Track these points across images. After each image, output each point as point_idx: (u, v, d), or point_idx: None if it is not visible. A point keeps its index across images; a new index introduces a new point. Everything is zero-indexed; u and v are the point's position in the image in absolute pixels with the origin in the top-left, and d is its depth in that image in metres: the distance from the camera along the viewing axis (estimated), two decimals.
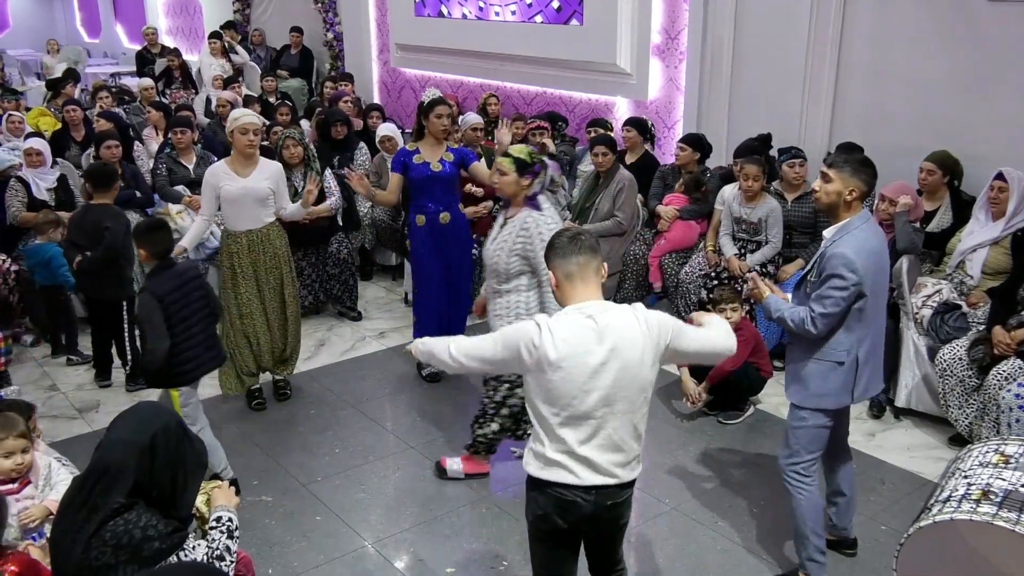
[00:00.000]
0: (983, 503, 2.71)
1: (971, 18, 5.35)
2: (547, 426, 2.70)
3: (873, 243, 3.31)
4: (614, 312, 2.68)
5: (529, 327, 2.65)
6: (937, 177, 5.25)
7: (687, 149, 6.29)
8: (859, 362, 3.36)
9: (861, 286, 3.21)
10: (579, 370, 2.61)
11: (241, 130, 4.83)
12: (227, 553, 2.65)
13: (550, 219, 4.04)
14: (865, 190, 3.32)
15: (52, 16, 18.11)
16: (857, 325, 3.31)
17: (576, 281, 2.71)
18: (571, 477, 2.70)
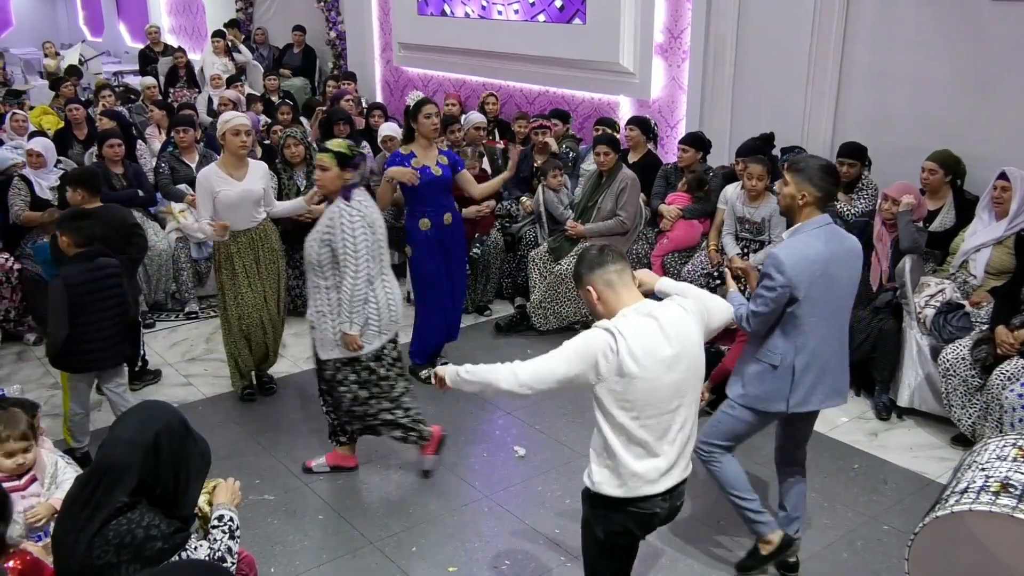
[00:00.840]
0: (1003, 495, 2.71)
1: (974, 18, 5.35)
2: (625, 433, 2.70)
3: (815, 250, 3.26)
4: (665, 307, 2.76)
5: (602, 335, 2.65)
6: (939, 177, 5.24)
7: (689, 150, 6.28)
8: (796, 370, 3.35)
9: (791, 289, 3.22)
10: (656, 368, 2.66)
11: (233, 131, 4.87)
12: (228, 554, 2.65)
13: (356, 211, 4.01)
14: (819, 195, 3.30)
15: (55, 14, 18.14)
16: (793, 331, 3.30)
17: (618, 288, 2.75)
18: (651, 487, 2.74)
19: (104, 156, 6.39)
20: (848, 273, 3.39)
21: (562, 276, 6.04)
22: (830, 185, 3.32)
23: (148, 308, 6.53)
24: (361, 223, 4.00)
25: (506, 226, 6.87)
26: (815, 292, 3.27)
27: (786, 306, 3.27)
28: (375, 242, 4.07)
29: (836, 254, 3.31)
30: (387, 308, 4.16)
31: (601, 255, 2.78)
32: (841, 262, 3.33)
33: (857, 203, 5.66)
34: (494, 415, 5.13)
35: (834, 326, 3.41)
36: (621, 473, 2.73)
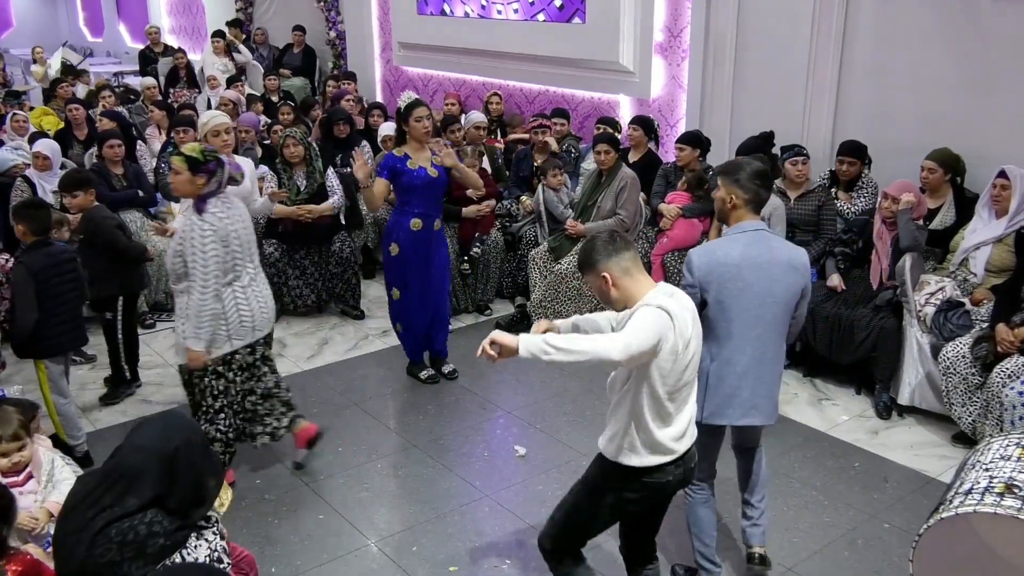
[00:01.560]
0: (1007, 497, 2.70)
1: (974, 16, 5.34)
2: (658, 405, 2.82)
3: (728, 254, 3.21)
4: (676, 289, 2.89)
5: (662, 315, 2.72)
6: (938, 175, 5.25)
7: (686, 148, 6.28)
8: (708, 378, 3.28)
9: (698, 291, 3.21)
10: (692, 345, 2.82)
11: (214, 132, 4.91)
12: (224, 554, 2.67)
13: (208, 225, 3.88)
14: (746, 198, 3.25)
15: (55, 15, 18.16)
16: (707, 337, 3.19)
17: (635, 272, 2.83)
18: (666, 457, 2.87)
19: (104, 156, 6.40)
20: (768, 283, 3.21)
21: (562, 275, 6.05)
22: (758, 188, 3.26)
23: (148, 308, 6.54)
24: (212, 238, 3.88)
25: (506, 225, 6.88)
26: (725, 297, 3.21)
27: (701, 310, 3.18)
28: (230, 254, 3.98)
29: (755, 262, 3.20)
30: (236, 314, 4.06)
31: (613, 242, 2.83)
32: (761, 271, 3.20)
33: (857, 201, 5.66)
34: (494, 415, 5.13)
35: (751, 337, 3.26)
36: (645, 442, 2.85)
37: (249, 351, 4.21)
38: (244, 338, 4.13)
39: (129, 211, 6.39)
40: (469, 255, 6.46)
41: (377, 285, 7.32)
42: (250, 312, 4.11)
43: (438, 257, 5.39)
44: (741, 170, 3.29)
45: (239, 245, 4.03)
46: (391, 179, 5.14)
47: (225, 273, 3.98)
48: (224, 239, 3.93)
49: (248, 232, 4.13)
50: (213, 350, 4.03)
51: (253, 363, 4.26)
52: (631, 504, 2.98)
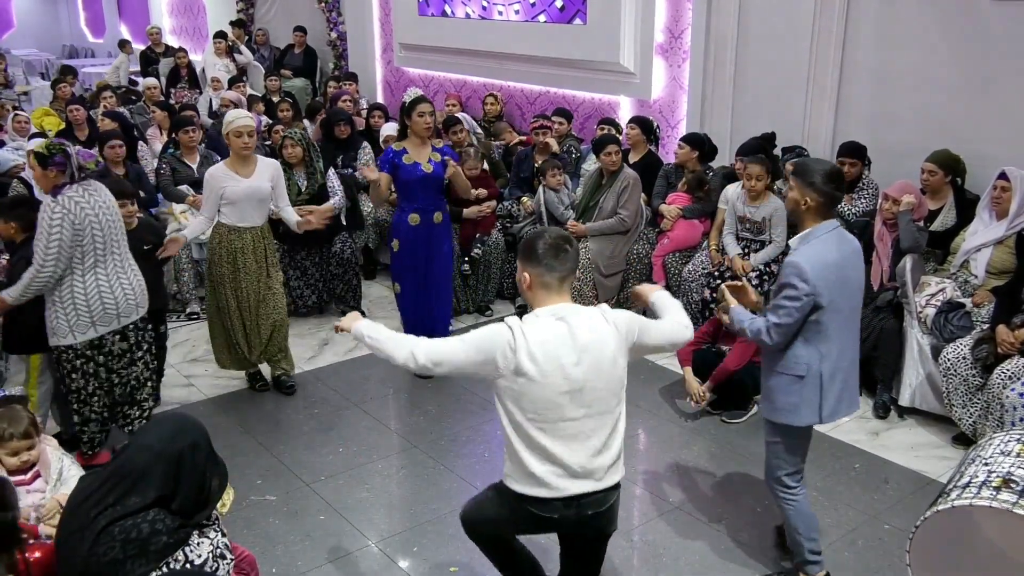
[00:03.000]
0: (1003, 491, 2.72)
1: (976, 17, 5.35)
2: (523, 433, 2.67)
3: (832, 255, 3.22)
4: (584, 314, 2.68)
5: (503, 332, 2.63)
6: (939, 177, 5.25)
7: (685, 147, 6.29)
8: (823, 378, 3.27)
9: (815, 297, 3.16)
10: (556, 374, 2.60)
11: (235, 133, 4.91)
12: (227, 551, 2.68)
13: (60, 207, 3.96)
14: (822, 200, 3.24)
15: (56, 16, 18.18)
16: (816, 338, 3.23)
17: (552, 291, 2.71)
18: (548, 491, 2.68)
19: (106, 157, 6.40)
20: (858, 275, 3.36)
21: None
22: (834, 190, 3.25)
23: None
24: (60, 221, 3.96)
25: (507, 226, 6.88)
26: (835, 297, 3.21)
27: (808, 314, 3.20)
28: (89, 239, 4.07)
29: (847, 257, 3.28)
30: (99, 301, 4.16)
31: (554, 256, 2.68)
32: (852, 265, 3.31)
33: (858, 203, 5.66)
34: (494, 415, 5.10)
35: (852, 330, 3.37)
36: (522, 471, 2.70)
37: (120, 337, 4.33)
38: (109, 324, 4.24)
39: None
40: (470, 256, 6.46)
41: (378, 285, 7.33)
42: (113, 299, 4.22)
43: (440, 253, 5.42)
44: (815, 173, 3.25)
45: (99, 231, 4.12)
46: (391, 172, 5.27)
47: (84, 258, 4.09)
48: (79, 223, 4.02)
49: (112, 220, 4.20)
50: (77, 335, 4.15)
51: (128, 349, 4.38)
52: (520, 524, 2.84)
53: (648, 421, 5.06)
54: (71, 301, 4.11)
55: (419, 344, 2.73)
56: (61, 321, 4.14)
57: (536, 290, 2.72)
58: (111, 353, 4.32)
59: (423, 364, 2.70)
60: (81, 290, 4.12)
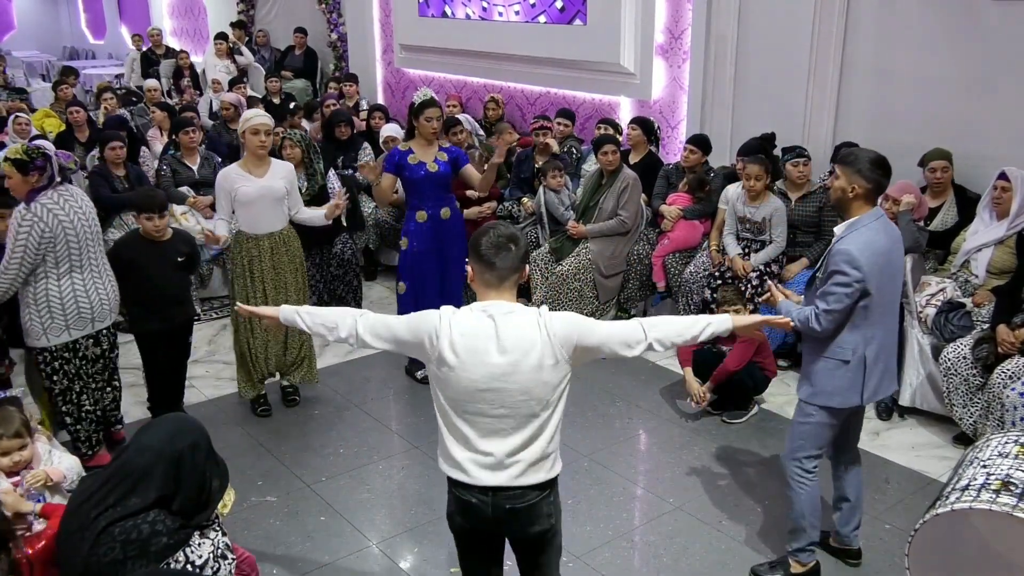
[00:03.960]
0: (1003, 494, 2.71)
1: (976, 17, 5.34)
2: (447, 418, 2.68)
3: (880, 242, 3.27)
4: (517, 314, 2.62)
5: (432, 319, 2.65)
6: (950, 173, 5.26)
7: (697, 151, 6.27)
8: (867, 362, 3.33)
9: (865, 283, 3.20)
10: (475, 368, 2.57)
11: (252, 131, 4.82)
12: (228, 551, 2.68)
13: (32, 214, 3.97)
14: (869, 187, 3.28)
15: (57, 17, 18.20)
16: (863, 324, 3.29)
17: (491, 288, 2.67)
18: (466, 476, 2.66)
19: (106, 159, 6.41)
20: (901, 262, 3.50)
21: (564, 276, 6.05)
22: (880, 177, 3.30)
23: None
24: (31, 227, 3.97)
25: None
26: (884, 283, 3.28)
27: (856, 301, 3.25)
28: (64, 245, 4.09)
29: (892, 246, 3.34)
30: (74, 304, 4.19)
31: (497, 253, 2.63)
32: (896, 253, 3.39)
33: None
34: None
35: (893, 313, 3.47)
36: (448, 452, 2.70)
37: (93, 342, 4.36)
38: (83, 329, 4.27)
39: (130, 213, 6.39)
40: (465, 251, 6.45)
41: (378, 286, 7.33)
42: (88, 304, 4.24)
43: (455, 249, 5.36)
44: (861, 160, 3.30)
45: (74, 237, 4.13)
46: (396, 173, 5.26)
47: (58, 263, 4.11)
48: (49, 232, 4.03)
49: (87, 226, 4.20)
50: (50, 337, 4.19)
51: (101, 354, 4.42)
52: (453, 517, 2.78)
53: (648, 422, 5.06)
54: (46, 304, 4.13)
55: (362, 316, 2.75)
56: (35, 323, 4.16)
57: (477, 285, 2.72)
58: (85, 358, 4.34)
59: (362, 336, 2.72)
60: (56, 293, 4.13)
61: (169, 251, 4.62)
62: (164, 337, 4.73)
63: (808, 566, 3.61)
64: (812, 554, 3.59)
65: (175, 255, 4.65)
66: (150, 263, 4.57)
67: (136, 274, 4.55)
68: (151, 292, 4.59)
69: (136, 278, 4.55)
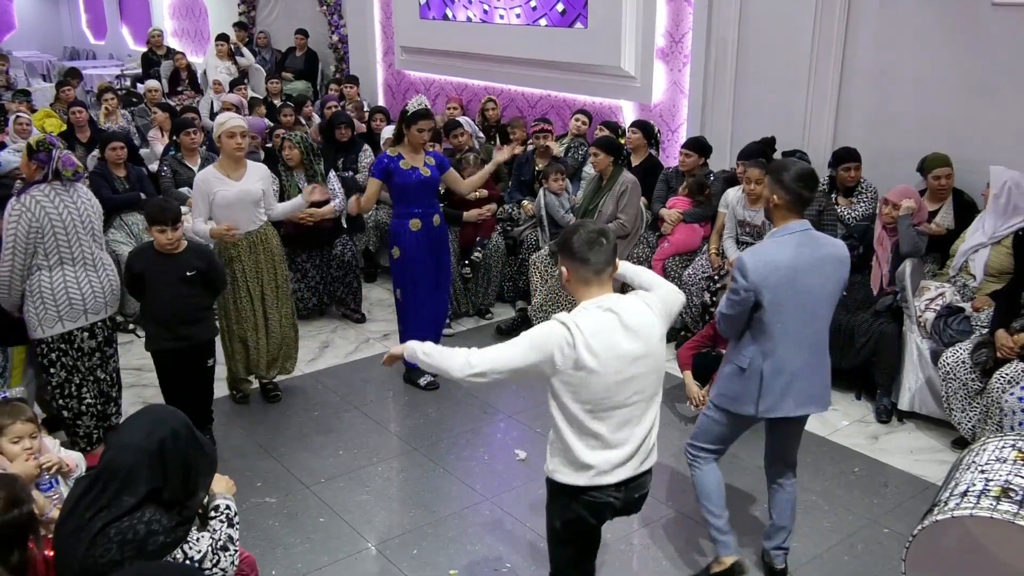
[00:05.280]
0: (1003, 501, 2.70)
1: (976, 21, 5.36)
2: (578, 424, 2.72)
3: (783, 256, 3.21)
4: (628, 301, 2.75)
5: (559, 329, 2.66)
6: (953, 179, 5.27)
7: (692, 155, 6.28)
8: (763, 375, 3.30)
9: (754, 294, 3.19)
10: (614, 362, 2.66)
11: (228, 134, 4.90)
12: (230, 543, 2.68)
13: (22, 206, 4.13)
14: (789, 199, 3.25)
15: (58, 18, 18.19)
16: (760, 336, 3.27)
17: (592, 285, 2.76)
18: (603, 478, 2.75)
19: (107, 159, 6.41)
20: (822, 281, 3.27)
21: None
22: (801, 190, 3.24)
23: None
24: (18, 219, 4.12)
25: (507, 229, 6.89)
26: (782, 298, 3.21)
27: (753, 311, 3.25)
28: (52, 238, 4.20)
29: (807, 262, 3.23)
30: (66, 296, 4.29)
31: (591, 249, 2.72)
32: (814, 270, 3.24)
33: (857, 207, 5.67)
34: (495, 418, 5.14)
35: (806, 334, 3.31)
36: (574, 462, 2.75)
37: (88, 334, 4.43)
38: (76, 320, 4.35)
39: (131, 214, 6.40)
40: (470, 259, 6.47)
41: (378, 288, 7.33)
42: (80, 296, 4.32)
43: (444, 254, 5.44)
44: (786, 170, 3.28)
45: (62, 231, 4.23)
46: (384, 179, 5.22)
47: (48, 255, 4.22)
48: (36, 223, 4.15)
49: (79, 222, 4.29)
50: (45, 328, 4.30)
51: (97, 347, 4.49)
52: (575, 524, 2.86)
53: None
54: (39, 295, 4.25)
55: (473, 353, 2.72)
56: (31, 314, 4.29)
57: (575, 284, 2.78)
58: (80, 350, 4.42)
59: (480, 371, 2.68)
60: (48, 285, 4.25)
61: (181, 265, 4.37)
62: (179, 358, 4.47)
63: (725, 564, 3.57)
64: (727, 547, 3.57)
65: (186, 269, 4.37)
66: (160, 277, 4.36)
67: (147, 288, 4.38)
68: (162, 308, 4.39)
69: (147, 293, 4.40)
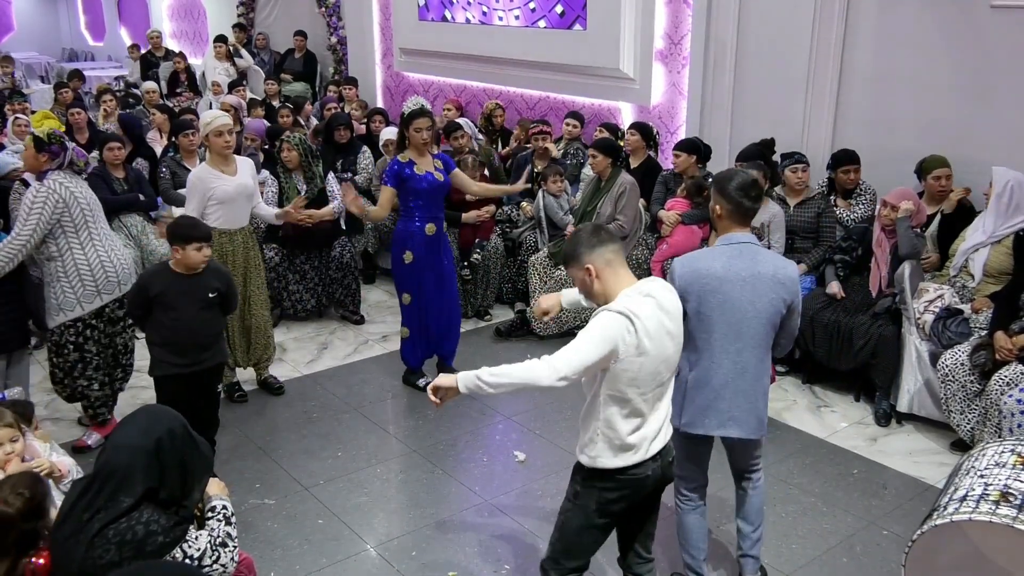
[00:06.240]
0: (1003, 505, 2.70)
1: (974, 24, 5.36)
2: (629, 407, 2.79)
3: (714, 267, 3.15)
4: (657, 284, 2.86)
5: (620, 320, 2.70)
6: (951, 180, 5.28)
7: (681, 155, 6.28)
8: (686, 386, 3.25)
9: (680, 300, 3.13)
10: (664, 344, 2.78)
11: (216, 132, 4.96)
12: (228, 539, 2.68)
13: (47, 188, 4.28)
14: (729, 208, 3.22)
15: (57, 19, 18.19)
16: (688, 345, 3.17)
17: (617, 267, 2.82)
18: (641, 454, 2.84)
19: (105, 160, 6.40)
20: (752, 297, 3.14)
21: (562, 281, 6.05)
22: (741, 199, 3.19)
23: None
24: (45, 200, 4.26)
25: (506, 231, 6.89)
26: (705, 308, 3.16)
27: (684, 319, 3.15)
28: (80, 213, 4.38)
29: (739, 275, 3.14)
30: (102, 270, 4.48)
31: (598, 234, 2.82)
32: (745, 284, 3.14)
33: (856, 209, 5.67)
34: (493, 419, 5.13)
35: (731, 351, 3.19)
36: (618, 445, 2.83)
37: (118, 305, 4.61)
38: (112, 292, 4.54)
39: (130, 215, 6.40)
40: (469, 261, 6.46)
41: (377, 290, 7.33)
42: (114, 268, 4.53)
43: (448, 259, 5.46)
44: (730, 180, 3.26)
45: (87, 205, 4.43)
46: (398, 186, 5.18)
47: (78, 231, 4.39)
48: (62, 202, 4.30)
49: (93, 200, 4.52)
50: (84, 305, 4.46)
51: (121, 317, 4.66)
52: (613, 504, 2.92)
53: None
54: (76, 273, 4.39)
55: (551, 361, 2.70)
56: (68, 295, 4.39)
57: (604, 274, 2.80)
58: (109, 319, 4.58)
59: (565, 374, 2.68)
60: (84, 261, 4.40)
61: (201, 286, 4.10)
62: (188, 383, 4.16)
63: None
64: None
65: (207, 291, 4.12)
66: (180, 299, 4.06)
67: (164, 311, 4.06)
68: (180, 333, 4.07)
69: (164, 316, 4.07)
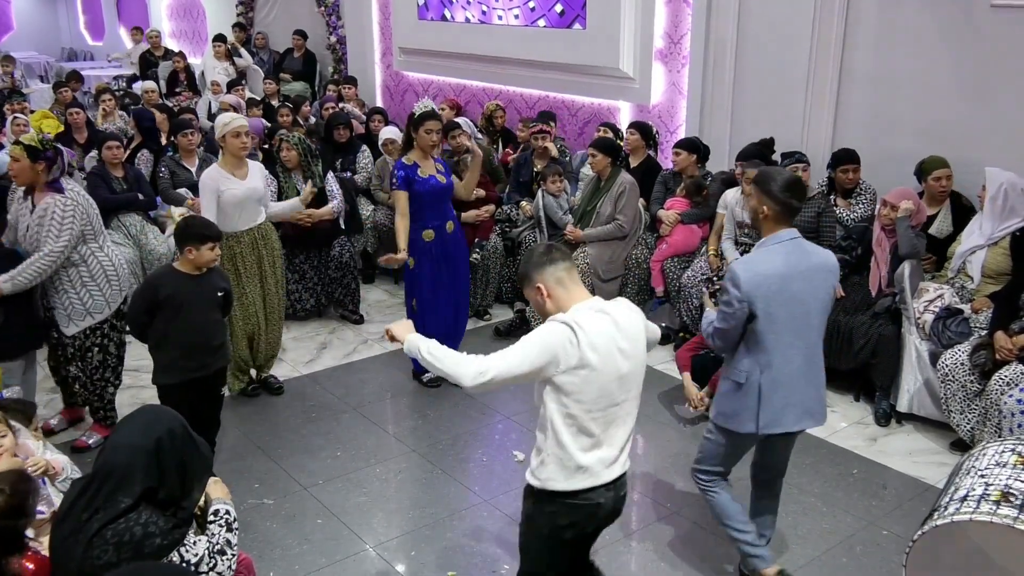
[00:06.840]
0: (1003, 505, 2.70)
1: (974, 24, 5.36)
2: (576, 424, 2.73)
3: (775, 266, 3.19)
4: (616, 303, 2.84)
5: (562, 329, 2.68)
6: (952, 180, 5.27)
7: (682, 153, 6.29)
8: (761, 389, 3.26)
9: (748, 304, 3.16)
10: (612, 360, 2.72)
11: (234, 133, 4.95)
12: (228, 547, 2.67)
13: (71, 200, 4.29)
14: (778, 209, 3.24)
15: (56, 19, 18.18)
16: (755, 348, 3.23)
17: (568, 284, 2.80)
18: (595, 479, 2.78)
19: (104, 160, 6.40)
20: (812, 290, 3.25)
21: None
22: (789, 199, 3.24)
23: None
24: (75, 211, 4.28)
25: (506, 231, 6.88)
26: (774, 309, 3.19)
27: (747, 323, 3.22)
28: (98, 219, 4.48)
29: (798, 270, 3.21)
30: (125, 268, 4.63)
31: (549, 253, 2.81)
32: (804, 279, 3.22)
33: (856, 208, 5.67)
34: (493, 419, 5.13)
35: (800, 345, 3.28)
36: (568, 467, 2.76)
37: (123, 302, 4.65)
38: (127, 290, 4.64)
39: (129, 214, 6.39)
40: (469, 260, 6.45)
41: (377, 290, 7.33)
42: (128, 266, 4.72)
43: (460, 256, 5.43)
44: (773, 180, 3.27)
45: (96, 211, 4.51)
46: (408, 189, 5.14)
47: (96, 235, 4.47)
48: (84, 209, 4.36)
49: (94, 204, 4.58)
50: (112, 306, 4.54)
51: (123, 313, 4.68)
52: (564, 531, 2.85)
53: (646, 426, 5.05)
54: (103, 276, 4.46)
55: (481, 361, 2.71)
56: (97, 299, 4.46)
57: (555, 293, 2.79)
58: (120, 314, 4.65)
59: (490, 378, 2.67)
60: (109, 263, 4.50)
61: (209, 286, 4.07)
62: (194, 388, 4.11)
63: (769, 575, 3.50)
64: (764, 560, 3.49)
65: (215, 290, 4.11)
66: (190, 301, 4.00)
67: (173, 314, 3.98)
68: (191, 335, 4.01)
69: (173, 319, 3.98)
